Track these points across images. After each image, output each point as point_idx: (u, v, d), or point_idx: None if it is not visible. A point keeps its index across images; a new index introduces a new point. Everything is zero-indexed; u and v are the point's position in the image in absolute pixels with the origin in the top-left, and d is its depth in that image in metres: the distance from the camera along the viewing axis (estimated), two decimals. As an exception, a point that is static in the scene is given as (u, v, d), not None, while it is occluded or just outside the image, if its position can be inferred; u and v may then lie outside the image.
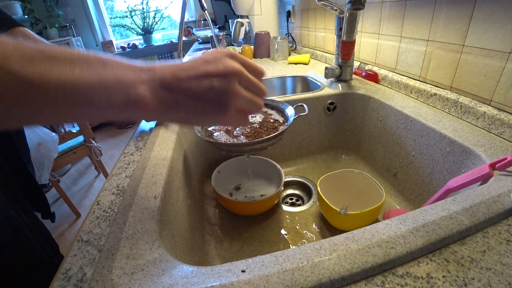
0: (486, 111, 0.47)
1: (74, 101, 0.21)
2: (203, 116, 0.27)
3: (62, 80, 0.20)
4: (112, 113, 0.24)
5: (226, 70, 0.26)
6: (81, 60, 0.22)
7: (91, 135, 1.77)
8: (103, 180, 2.06)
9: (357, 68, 0.84)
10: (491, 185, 0.32)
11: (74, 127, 1.88)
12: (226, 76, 0.26)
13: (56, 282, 0.25)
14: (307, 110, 0.50)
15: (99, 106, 0.22)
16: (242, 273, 0.23)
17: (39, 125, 0.27)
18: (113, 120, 0.25)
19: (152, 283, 0.23)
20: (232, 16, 2.46)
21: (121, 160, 0.45)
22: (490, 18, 0.46)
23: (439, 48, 0.57)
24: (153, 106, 0.24)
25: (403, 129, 0.59)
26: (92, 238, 0.29)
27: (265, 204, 0.57)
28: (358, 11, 0.60)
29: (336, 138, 0.80)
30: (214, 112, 0.27)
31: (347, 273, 0.23)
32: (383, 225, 0.27)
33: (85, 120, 0.26)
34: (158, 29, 3.35)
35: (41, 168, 1.34)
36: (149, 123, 0.57)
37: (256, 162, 0.67)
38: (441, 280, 0.23)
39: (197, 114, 0.27)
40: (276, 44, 1.18)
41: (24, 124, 0.24)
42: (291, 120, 0.47)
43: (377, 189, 0.54)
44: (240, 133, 0.48)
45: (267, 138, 0.43)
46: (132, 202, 0.33)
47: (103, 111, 0.23)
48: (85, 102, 0.22)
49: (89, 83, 0.21)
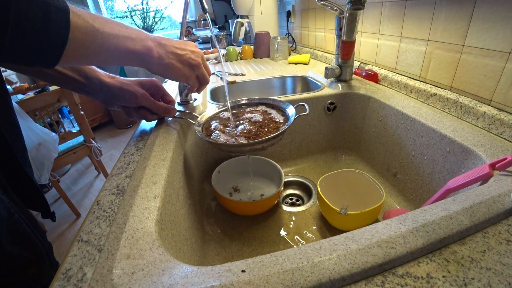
0: (486, 111, 0.47)
1: (117, 45, 0.37)
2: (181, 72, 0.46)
3: (112, 31, 0.36)
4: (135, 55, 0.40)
5: (199, 51, 0.49)
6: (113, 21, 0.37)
7: (91, 135, 1.77)
8: (103, 180, 2.07)
9: (357, 68, 0.84)
10: (491, 185, 0.32)
11: (74, 127, 1.88)
12: (198, 54, 0.48)
13: (56, 282, 0.25)
14: (308, 109, 0.50)
15: (130, 50, 0.39)
16: (242, 273, 0.23)
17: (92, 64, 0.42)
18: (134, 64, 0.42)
19: (152, 283, 0.23)
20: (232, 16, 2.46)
21: (121, 160, 0.45)
22: (490, 18, 0.46)
23: (439, 48, 0.57)
24: (156, 54, 0.42)
25: (403, 129, 0.59)
26: (92, 238, 0.29)
27: (265, 204, 0.57)
28: (358, 11, 0.60)
29: (336, 138, 0.80)
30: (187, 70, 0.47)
31: (347, 273, 0.23)
32: (383, 225, 0.27)
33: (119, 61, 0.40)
34: (158, 29, 3.35)
35: (41, 168, 1.34)
36: (149, 123, 0.57)
37: (256, 162, 0.67)
38: (441, 280, 0.23)
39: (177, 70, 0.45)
40: (276, 44, 1.18)
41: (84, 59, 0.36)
42: (292, 120, 0.47)
43: (377, 189, 0.54)
44: (240, 133, 0.48)
45: (267, 138, 0.43)
46: (132, 202, 0.33)
47: (129, 53, 0.39)
48: (122, 46, 0.38)
49: (123, 34, 0.38)
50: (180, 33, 0.64)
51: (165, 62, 0.43)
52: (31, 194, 0.54)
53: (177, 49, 0.45)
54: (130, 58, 0.40)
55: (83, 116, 1.68)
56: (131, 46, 0.39)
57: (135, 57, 0.40)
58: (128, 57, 0.39)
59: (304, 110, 0.50)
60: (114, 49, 0.37)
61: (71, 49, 0.32)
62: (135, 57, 0.40)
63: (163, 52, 0.43)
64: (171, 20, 3.57)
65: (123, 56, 0.39)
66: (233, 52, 1.31)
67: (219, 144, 0.45)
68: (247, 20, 1.53)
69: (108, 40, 0.36)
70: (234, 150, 0.47)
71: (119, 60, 0.39)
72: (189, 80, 0.48)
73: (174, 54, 0.44)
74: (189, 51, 0.46)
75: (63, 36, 0.31)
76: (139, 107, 0.52)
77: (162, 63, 0.43)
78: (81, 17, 0.32)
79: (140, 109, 0.53)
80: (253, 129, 0.49)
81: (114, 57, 0.38)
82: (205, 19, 0.88)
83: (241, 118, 0.53)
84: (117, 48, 0.37)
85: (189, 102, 0.70)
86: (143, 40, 0.40)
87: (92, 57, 0.36)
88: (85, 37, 0.33)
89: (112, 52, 0.37)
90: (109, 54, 0.37)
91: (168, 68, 0.44)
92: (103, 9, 3.22)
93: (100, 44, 0.35)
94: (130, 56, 0.39)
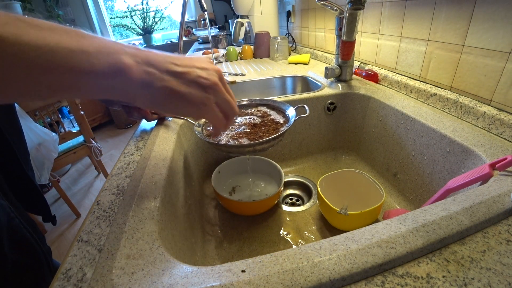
0: (486, 111, 0.47)
1: (50, 64, 0.20)
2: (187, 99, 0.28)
3: (39, 41, 0.20)
4: (94, 80, 0.23)
5: (215, 68, 0.30)
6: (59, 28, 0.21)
7: (91, 135, 1.77)
8: (103, 180, 2.06)
9: (357, 68, 0.84)
10: (491, 185, 0.32)
11: (74, 127, 1.88)
12: (213, 72, 0.29)
13: (56, 282, 0.25)
14: (308, 111, 0.50)
15: (79, 70, 0.22)
16: (242, 273, 0.23)
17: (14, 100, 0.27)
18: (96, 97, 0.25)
19: (152, 283, 0.23)
20: (232, 16, 2.46)
21: (121, 160, 0.45)
22: (490, 18, 0.46)
23: (439, 48, 0.57)
24: (137, 75, 0.25)
25: (403, 129, 0.59)
26: (92, 238, 0.29)
27: (265, 204, 0.57)
28: (358, 11, 0.60)
29: (336, 138, 0.80)
30: (197, 96, 0.28)
31: (347, 273, 0.23)
32: (383, 225, 0.27)
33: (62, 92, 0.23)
34: (158, 29, 3.35)
35: (41, 168, 1.34)
36: (149, 123, 0.57)
37: (256, 162, 0.67)
38: (441, 280, 0.23)
39: (180, 97, 0.27)
40: (276, 44, 1.18)
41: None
42: (292, 121, 0.47)
43: (377, 189, 0.54)
44: (240, 133, 0.48)
45: (267, 139, 0.43)
46: (132, 202, 0.33)
47: (83, 77, 0.22)
48: (64, 65, 0.21)
49: (68, 46, 0.21)
50: (179, 33, 0.64)
51: (157, 86, 0.26)
52: (33, 197, 0.54)
53: (177, 66, 0.27)
54: (80, 87, 0.23)
55: (83, 116, 1.68)
56: (82, 63, 0.21)
57: (90, 82, 0.23)
58: (74, 84, 0.22)
59: (304, 111, 0.50)
60: (40, 70, 0.20)
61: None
62: (91, 82, 0.23)
63: (151, 72, 0.26)
64: (171, 20, 3.57)
65: (64, 82, 0.22)
66: (233, 52, 1.31)
67: (219, 145, 0.45)
68: (247, 20, 1.53)
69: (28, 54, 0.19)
70: (234, 151, 0.47)
71: (55, 92, 0.22)
72: (205, 111, 0.30)
73: (171, 74, 0.27)
74: (197, 68, 0.29)
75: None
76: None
77: (150, 89, 0.26)
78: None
79: (140, 108, 0.53)
80: (253, 130, 0.49)
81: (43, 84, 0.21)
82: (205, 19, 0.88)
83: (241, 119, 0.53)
84: (49, 68, 0.20)
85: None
86: (112, 53, 0.23)
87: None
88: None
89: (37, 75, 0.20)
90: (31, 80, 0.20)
91: (161, 95, 0.27)
92: (103, 9, 3.22)
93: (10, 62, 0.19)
94: (80, 81, 0.22)
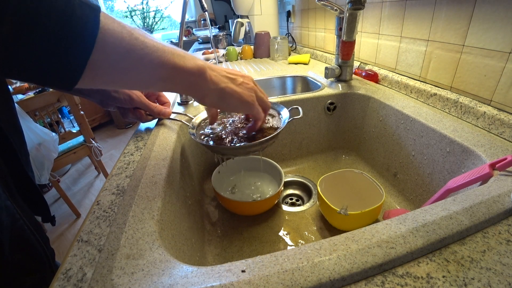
0: (486, 111, 0.47)
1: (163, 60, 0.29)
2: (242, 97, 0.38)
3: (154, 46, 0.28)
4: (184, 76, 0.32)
5: (249, 76, 0.41)
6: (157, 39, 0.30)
7: (91, 135, 1.77)
8: (103, 180, 2.07)
9: (357, 68, 0.84)
10: (491, 185, 0.32)
11: (74, 127, 1.88)
12: (249, 78, 0.40)
13: (56, 282, 0.25)
14: (302, 113, 0.51)
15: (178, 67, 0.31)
16: (242, 273, 0.23)
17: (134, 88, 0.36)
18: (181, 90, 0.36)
19: (152, 283, 0.23)
20: (232, 16, 2.46)
21: (121, 160, 0.45)
22: (490, 18, 0.46)
23: (439, 48, 0.57)
24: (210, 76, 0.34)
25: (403, 129, 0.59)
26: (92, 238, 0.29)
27: (265, 204, 0.57)
28: (358, 11, 0.60)
29: (336, 138, 0.80)
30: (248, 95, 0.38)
31: (347, 273, 0.23)
32: (383, 225, 0.27)
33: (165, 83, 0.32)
34: (158, 29, 3.35)
35: (41, 168, 1.34)
36: (149, 123, 0.58)
37: (256, 162, 0.67)
38: (441, 280, 0.23)
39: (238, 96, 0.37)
40: (276, 44, 1.18)
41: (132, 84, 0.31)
42: (285, 123, 0.47)
43: (377, 189, 0.54)
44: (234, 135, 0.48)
45: (260, 141, 0.43)
46: (132, 202, 0.33)
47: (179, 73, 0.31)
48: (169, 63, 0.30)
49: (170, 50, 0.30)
50: (180, 33, 0.64)
51: (221, 87, 0.35)
52: (33, 198, 0.54)
53: (229, 73, 0.37)
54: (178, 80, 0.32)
55: (83, 116, 1.68)
56: (180, 62, 0.30)
57: (185, 77, 0.32)
58: (176, 77, 0.31)
59: (298, 113, 0.51)
60: (158, 65, 0.28)
61: (99, 60, 0.24)
62: (186, 78, 0.32)
63: (215, 75, 0.35)
64: (171, 20, 3.57)
65: (170, 75, 0.30)
66: (233, 52, 1.31)
67: (211, 147, 0.45)
68: (247, 20, 1.53)
69: (151, 52, 0.27)
70: (227, 152, 0.46)
71: (162, 81, 0.31)
72: (253, 107, 0.40)
73: (228, 78, 0.37)
74: (239, 75, 0.39)
75: (89, 39, 0.23)
76: (134, 108, 0.53)
77: (218, 88, 0.35)
78: (116, 21, 0.25)
79: (135, 110, 0.53)
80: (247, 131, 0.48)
81: (156, 76, 0.29)
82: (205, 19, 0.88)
83: (235, 120, 0.53)
84: (163, 64, 0.29)
85: (189, 102, 0.70)
86: (194, 58, 0.33)
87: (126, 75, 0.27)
88: (119, 43, 0.25)
89: (155, 68, 0.28)
90: (150, 72, 0.29)
91: (226, 93, 0.36)
92: (103, 9, 3.21)
93: (141, 56, 0.27)
94: (179, 76, 0.31)
